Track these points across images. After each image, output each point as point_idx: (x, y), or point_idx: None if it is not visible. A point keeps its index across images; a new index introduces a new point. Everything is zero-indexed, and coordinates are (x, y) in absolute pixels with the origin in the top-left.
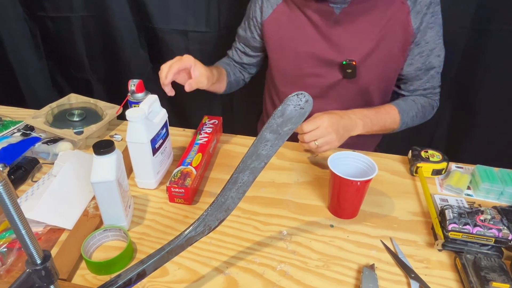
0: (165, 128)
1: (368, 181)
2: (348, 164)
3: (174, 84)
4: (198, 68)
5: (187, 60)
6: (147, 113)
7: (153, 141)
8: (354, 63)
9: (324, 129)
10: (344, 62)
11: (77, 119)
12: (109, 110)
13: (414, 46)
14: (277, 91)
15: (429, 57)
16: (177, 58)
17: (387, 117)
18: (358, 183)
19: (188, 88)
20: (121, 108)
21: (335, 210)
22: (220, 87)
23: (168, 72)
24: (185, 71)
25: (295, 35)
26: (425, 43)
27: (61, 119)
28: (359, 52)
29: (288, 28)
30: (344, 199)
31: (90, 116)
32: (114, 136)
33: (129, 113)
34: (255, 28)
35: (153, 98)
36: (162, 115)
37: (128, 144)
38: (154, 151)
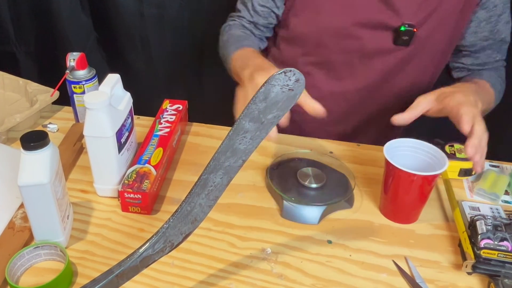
0: (130, 117)
1: (435, 176)
2: (407, 155)
3: (127, 57)
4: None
5: None
6: (109, 98)
7: (119, 134)
8: (415, 30)
9: (484, 133)
10: (402, 28)
11: None
12: (42, 95)
13: (479, 10)
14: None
15: (498, 24)
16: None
17: (486, 92)
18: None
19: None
20: (57, 91)
21: (390, 212)
22: None
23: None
24: None
25: None
26: (493, 6)
27: None
28: (418, 15)
29: None
30: (403, 199)
31: None
32: (48, 125)
33: (87, 98)
34: None
35: (115, 78)
36: (126, 100)
37: (86, 139)
38: (120, 147)
